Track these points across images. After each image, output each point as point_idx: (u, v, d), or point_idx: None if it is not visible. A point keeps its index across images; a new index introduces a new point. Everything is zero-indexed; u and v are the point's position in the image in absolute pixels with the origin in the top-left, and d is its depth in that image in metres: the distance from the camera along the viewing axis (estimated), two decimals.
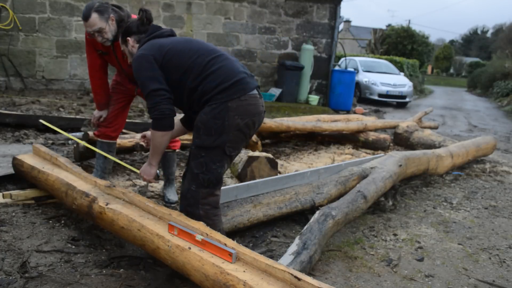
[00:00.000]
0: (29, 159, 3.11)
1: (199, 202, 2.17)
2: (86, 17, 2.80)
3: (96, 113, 3.27)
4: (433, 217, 3.54)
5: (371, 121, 6.38)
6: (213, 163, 2.14)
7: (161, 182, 3.70)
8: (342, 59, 12.98)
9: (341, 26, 16.63)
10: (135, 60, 2.20)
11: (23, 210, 2.91)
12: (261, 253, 2.12)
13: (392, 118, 9.90)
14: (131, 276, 2.24)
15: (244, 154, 3.92)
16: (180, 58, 2.17)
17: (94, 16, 2.78)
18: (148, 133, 2.50)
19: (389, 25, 33.53)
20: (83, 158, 3.93)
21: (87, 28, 2.84)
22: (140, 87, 2.24)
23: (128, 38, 2.35)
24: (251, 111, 2.16)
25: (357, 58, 15.26)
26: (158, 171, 2.39)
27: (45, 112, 6.21)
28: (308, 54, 9.61)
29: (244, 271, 1.71)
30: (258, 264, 1.73)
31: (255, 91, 2.19)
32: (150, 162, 2.31)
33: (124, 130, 4.42)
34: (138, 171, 2.43)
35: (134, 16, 3.01)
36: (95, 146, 3.37)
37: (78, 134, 4.99)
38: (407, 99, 13.36)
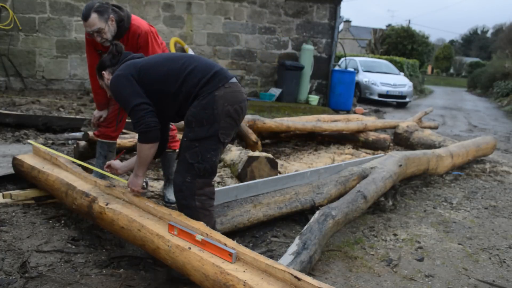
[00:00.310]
0: (29, 159, 3.11)
1: (195, 193, 2.19)
2: (85, 17, 2.80)
3: (96, 113, 3.27)
4: (433, 217, 3.54)
5: (371, 121, 6.39)
6: (208, 152, 2.17)
7: (161, 182, 3.70)
8: (342, 59, 12.98)
9: (341, 26, 16.65)
10: (112, 82, 2.26)
11: (23, 210, 2.91)
12: (261, 253, 2.12)
13: (392, 118, 9.90)
14: (131, 276, 2.24)
15: (244, 154, 3.92)
16: (154, 69, 2.24)
17: (94, 16, 2.78)
18: (113, 162, 2.55)
19: (389, 25, 33.54)
20: (83, 158, 3.92)
21: (87, 28, 2.84)
22: (122, 105, 2.28)
23: (103, 72, 2.42)
24: (238, 97, 2.21)
25: (357, 58, 15.26)
26: (145, 181, 2.40)
27: (45, 112, 6.21)
28: (308, 54, 9.61)
29: (244, 271, 1.71)
30: (258, 264, 1.73)
31: (235, 79, 2.25)
32: (136, 174, 2.32)
33: (124, 130, 4.42)
34: (126, 181, 2.44)
35: (134, 17, 3.01)
36: (95, 146, 3.36)
37: (78, 134, 5.00)
38: (407, 99, 13.36)
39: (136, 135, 4.20)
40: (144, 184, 2.40)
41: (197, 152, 2.16)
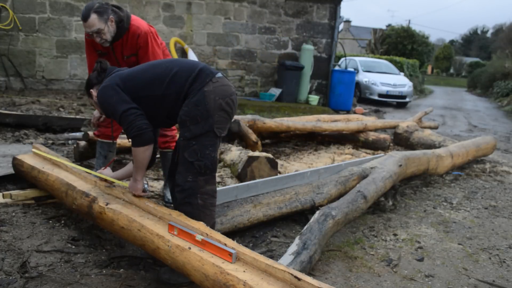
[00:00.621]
0: (29, 159, 3.11)
1: (198, 191, 2.19)
2: (85, 18, 2.79)
3: (96, 113, 3.26)
4: (433, 217, 3.54)
5: (371, 121, 6.38)
6: (206, 148, 2.18)
7: (161, 182, 3.70)
8: (342, 59, 12.98)
9: (341, 26, 16.64)
10: (99, 94, 2.28)
11: (23, 210, 2.91)
12: (261, 253, 2.12)
13: (392, 118, 9.90)
14: (131, 276, 2.24)
15: (244, 154, 3.92)
16: (139, 76, 2.26)
17: (93, 17, 2.78)
18: (103, 172, 2.57)
19: (389, 25, 33.53)
20: (83, 158, 3.93)
21: (86, 29, 2.84)
22: (111, 116, 2.30)
23: (91, 90, 2.44)
24: (227, 90, 2.23)
25: (357, 58, 15.26)
26: (146, 184, 2.40)
27: (45, 112, 6.20)
28: (308, 54, 9.61)
29: (244, 271, 1.71)
30: (258, 264, 1.73)
31: (220, 74, 2.26)
32: (135, 178, 2.33)
33: None
34: (126, 185, 2.45)
35: (134, 17, 3.01)
36: (95, 146, 3.36)
37: (78, 134, 5.00)
38: (407, 99, 13.36)
39: None
40: (145, 185, 2.40)
41: (196, 150, 2.16)
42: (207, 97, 2.15)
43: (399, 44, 26.60)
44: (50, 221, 2.78)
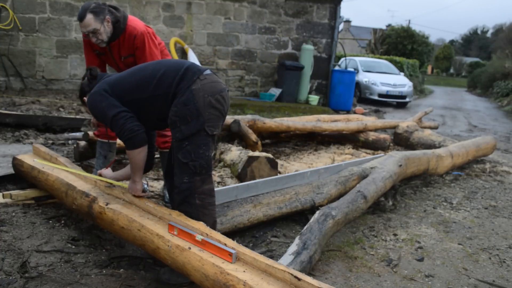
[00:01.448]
0: (29, 159, 3.11)
1: (195, 192, 2.18)
2: (81, 18, 2.79)
3: None
4: (433, 217, 3.54)
5: (371, 121, 6.38)
6: (199, 148, 2.16)
7: (161, 182, 3.70)
8: (342, 59, 12.98)
9: (341, 26, 16.65)
10: (88, 101, 2.29)
11: (23, 210, 2.91)
12: (261, 253, 2.12)
13: (392, 118, 9.90)
14: (131, 276, 2.24)
15: (244, 154, 3.92)
16: (126, 79, 2.26)
17: (89, 17, 2.77)
18: (104, 172, 2.58)
19: (389, 25, 33.53)
20: (83, 158, 3.93)
21: (82, 29, 2.84)
22: (102, 121, 2.30)
23: (84, 98, 2.44)
24: (216, 87, 2.20)
25: (357, 58, 15.26)
26: (145, 184, 2.40)
27: (45, 112, 6.20)
28: (308, 54, 9.61)
29: (244, 271, 1.71)
30: (258, 264, 1.73)
31: (209, 71, 2.24)
32: (134, 180, 2.32)
33: None
34: (126, 186, 2.45)
35: (131, 17, 3.01)
36: (95, 146, 3.36)
37: (78, 134, 5.00)
38: (407, 99, 13.36)
39: None
40: (145, 185, 2.40)
41: (189, 151, 2.15)
42: (195, 95, 2.12)
43: (399, 44, 26.60)
44: (50, 221, 2.78)
